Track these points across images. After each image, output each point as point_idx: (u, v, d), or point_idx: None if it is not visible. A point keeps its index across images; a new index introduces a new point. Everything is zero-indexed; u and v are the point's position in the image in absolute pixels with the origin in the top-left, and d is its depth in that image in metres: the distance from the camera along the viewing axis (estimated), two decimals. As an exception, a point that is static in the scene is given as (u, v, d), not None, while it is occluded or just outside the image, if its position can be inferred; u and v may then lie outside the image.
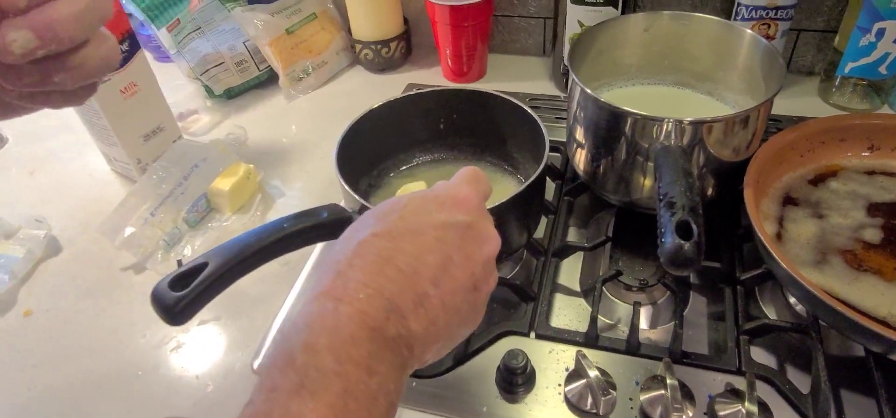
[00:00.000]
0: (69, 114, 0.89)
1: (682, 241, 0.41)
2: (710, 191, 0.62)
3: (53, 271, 0.72)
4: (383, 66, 0.96)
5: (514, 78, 0.93)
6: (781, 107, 0.80)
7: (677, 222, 0.43)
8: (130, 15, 0.83)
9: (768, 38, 0.74)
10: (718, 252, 0.61)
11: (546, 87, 0.90)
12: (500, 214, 0.51)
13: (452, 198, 0.38)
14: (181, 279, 0.46)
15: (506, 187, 0.69)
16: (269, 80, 0.97)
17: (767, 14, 0.73)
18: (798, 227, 0.58)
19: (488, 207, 0.42)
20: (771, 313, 0.58)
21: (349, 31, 0.96)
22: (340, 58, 0.97)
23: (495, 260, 0.38)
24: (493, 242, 0.38)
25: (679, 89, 0.71)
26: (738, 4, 0.74)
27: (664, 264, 0.42)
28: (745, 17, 0.74)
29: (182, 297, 0.45)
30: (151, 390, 0.57)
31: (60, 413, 0.56)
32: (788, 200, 0.61)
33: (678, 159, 0.50)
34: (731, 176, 0.60)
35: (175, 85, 0.96)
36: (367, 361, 0.29)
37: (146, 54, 0.77)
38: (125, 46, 0.73)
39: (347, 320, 0.29)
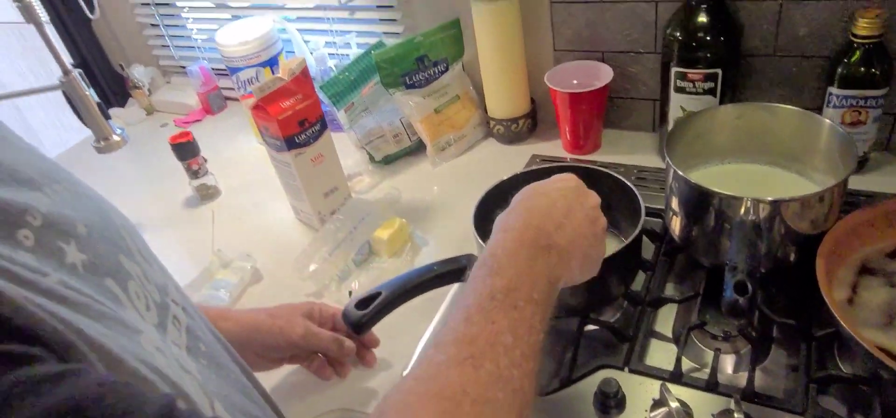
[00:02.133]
0: (267, 173, 1.15)
1: (738, 297, 0.53)
2: (792, 257, 0.71)
3: (258, 294, 0.96)
4: (512, 138, 1.14)
5: (625, 151, 1.06)
6: (880, 184, 0.86)
7: (736, 282, 0.54)
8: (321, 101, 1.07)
9: (859, 123, 0.82)
10: (799, 311, 0.70)
11: (654, 161, 1.02)
12: (602, 268, 0.65)
13: (559, 177, 0.61)
14: (363, 302, 0.65)
15: (610, 246, 0.83)
16: (417, 148, 1.18)
17: (857, 102, 0.81)
18: (870, 293, 0.66)
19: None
20: (847, 369, 0.66)
21: (485, 109, 1.15)
22: (477, 131, 1.16)
23: (599, 208, 0.60)
24: (595, 196, 0.60)
25: (770, 168, 0.81)
26: (830, 94, 0.83)
27: (724, 313, 0.54)
28: (836, 105, 0.82)
29: (364, 315, 0.64)
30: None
31: (268, 390, 0.77)
32: (865, 270, 0.68)
33: (747, 233, 0.62)
34: (811, 245, 0.69)
35: (345, 151, 1.19)
36: (527, 261, 0.50)
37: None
38: (317, 127, 0.97)
39: (511, 241, 0.51)
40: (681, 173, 0.71)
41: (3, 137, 0.43)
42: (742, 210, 0.67)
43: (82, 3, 1.27)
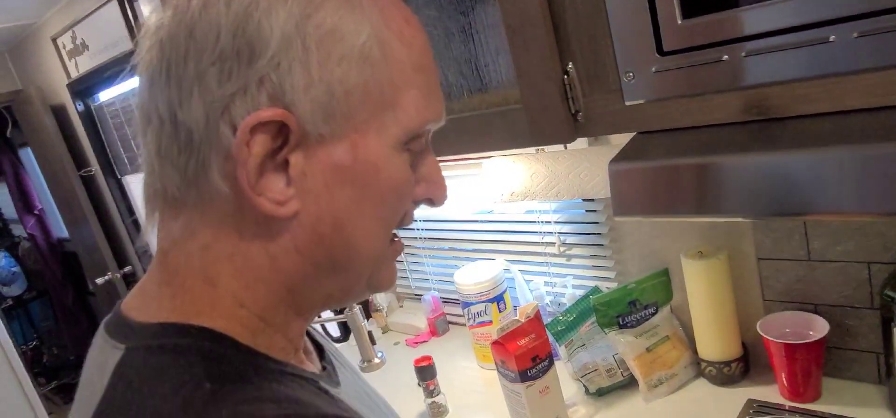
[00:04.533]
0: (487, 395, 1.31)
1: None
2: None
3: None
4: (725, 381, 1.19)
5: (850, 403, 1.06)
6: None
7: None
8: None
9: None
10: None
11: (883, 415, 1.01)
12: None
13: None
14: None
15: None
16: (629, 383, 1.27)
17: None
18: None
19: None
20: None
21: (695, 350, 1.23)
22: (687, 370, 1.24)
23: None
24: None
25: None
26: None
27: None
28: None
29: None
30: None
31: None
32: None
33: None
34: None
35: (562, 382, 1.33)
36: None
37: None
38: (546, 362, 1.12)
39: None
40: (918, 441, 0.73)
41: (375, 405, 0.65)
42: None
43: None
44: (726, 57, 0.65)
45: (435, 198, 0.51)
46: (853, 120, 0.61)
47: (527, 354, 1.10)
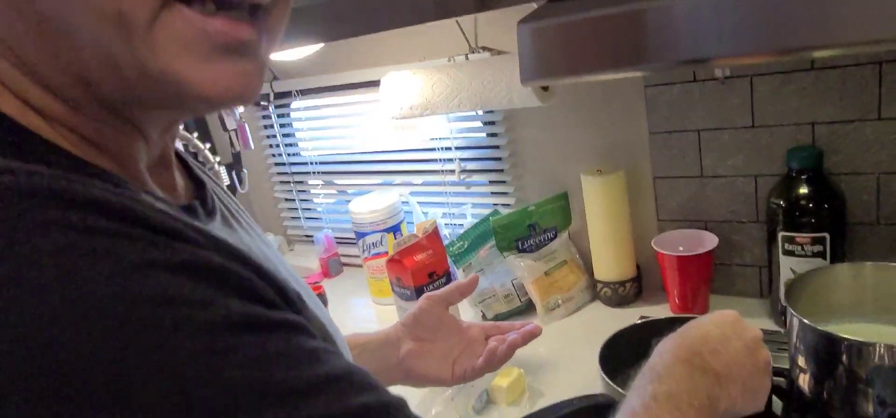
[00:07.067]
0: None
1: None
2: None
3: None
4: (619, 301, 1.19)
5: (735, 315, 1.09)
6: None
7: (889, 414, 0.56)
8: (442, 259, 1.19)
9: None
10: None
11: (765, 324, 1.04)
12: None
13: (718, 312, 0.65)
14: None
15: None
16: (526, 309, 1.25)
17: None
18: None
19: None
20: None
21: (592, 273, 1.23)
22: (584, 294, 1.23)
23: (761, 341, 0.63)
24: (755, 330, 0.63)
25: (893, 327, 0.83)
26: (944, 257, 0.86)
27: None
28: (953, 267, 0.85)
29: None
30: None
31: None
32: None
33: (890, 372, 0.64)
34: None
35: (461, 309, 1.28)
36: (684, 375, 0.56)
37: (453, 286, 1.10)
38: (444, 280, 1.07)
39: (668, 357, 0.57)
40: (808, 322, 0.75)
41: (279, 260, 0.56)
42: (876, 356, 0.69)
43: (235, 180, 1.49)
44: None
45: None
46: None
47: (423, 269, 1.04)
